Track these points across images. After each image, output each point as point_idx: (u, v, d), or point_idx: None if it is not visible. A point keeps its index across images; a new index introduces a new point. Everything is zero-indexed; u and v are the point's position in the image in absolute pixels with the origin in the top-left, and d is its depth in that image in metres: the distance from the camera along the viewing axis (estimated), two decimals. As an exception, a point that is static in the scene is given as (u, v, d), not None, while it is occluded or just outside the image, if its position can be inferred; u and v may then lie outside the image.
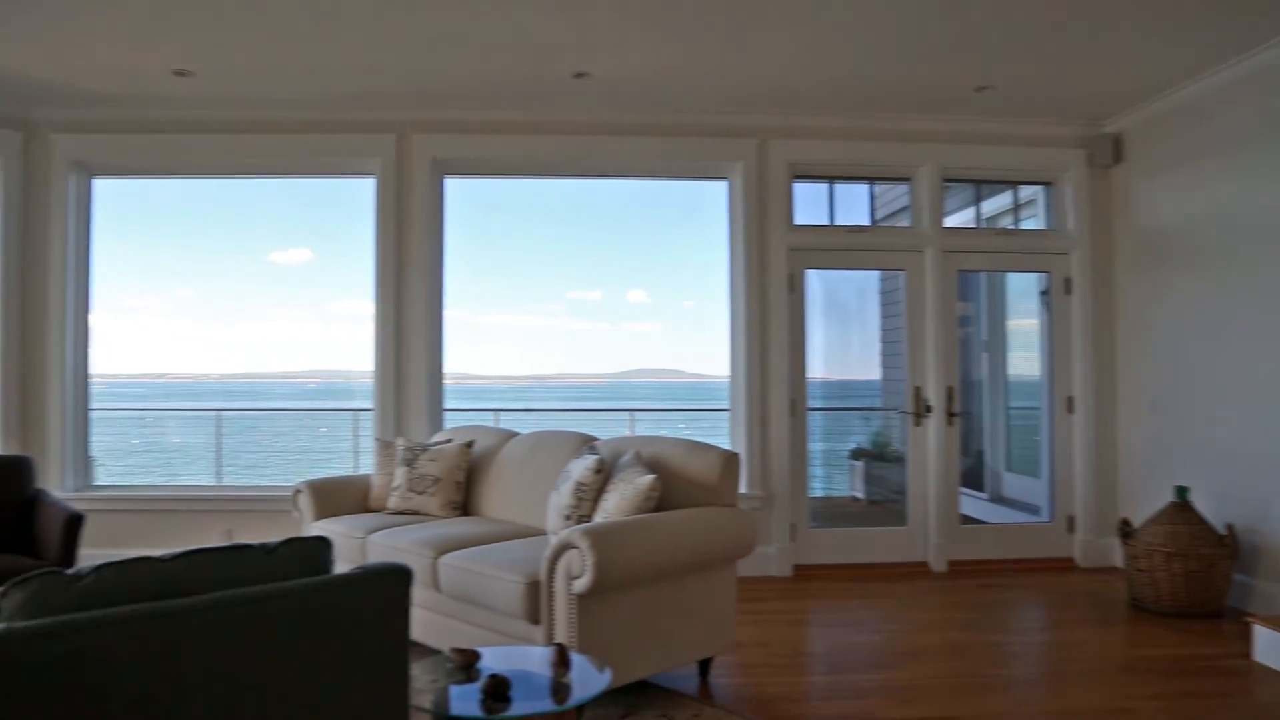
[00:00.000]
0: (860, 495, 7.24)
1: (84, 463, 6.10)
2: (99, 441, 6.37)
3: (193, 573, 1.86)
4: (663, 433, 4.91)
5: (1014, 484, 7.19)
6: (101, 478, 6.29)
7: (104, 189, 6.22)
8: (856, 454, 7.32)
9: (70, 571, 1.77)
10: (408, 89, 5.62)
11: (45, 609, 1.67)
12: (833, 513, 7.05)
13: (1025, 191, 6.78)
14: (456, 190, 6.26)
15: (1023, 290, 6.99)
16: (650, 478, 3.77)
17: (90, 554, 4.77)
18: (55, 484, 5.73)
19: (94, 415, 6.26)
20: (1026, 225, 6.85)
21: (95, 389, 6.28)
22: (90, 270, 6.11)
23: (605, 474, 3.93)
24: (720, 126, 6.08)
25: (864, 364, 6.97)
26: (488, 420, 7.97)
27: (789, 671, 4.19)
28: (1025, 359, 7.03)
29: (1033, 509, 6.69)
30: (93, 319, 6.17)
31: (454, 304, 6.27)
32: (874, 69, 5.26)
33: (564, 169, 6.32)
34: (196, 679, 1.82)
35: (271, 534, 5.60)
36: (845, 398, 7.30)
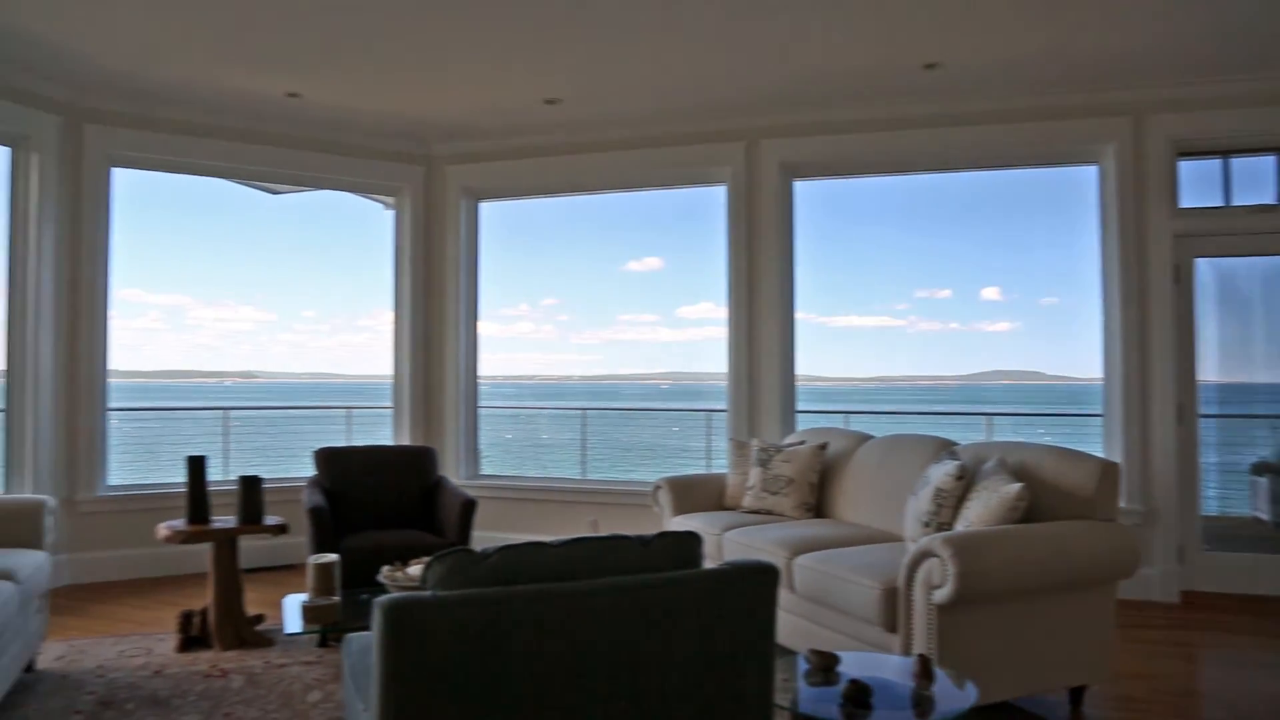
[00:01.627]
0: (1265, 516, 6.30)
1: (474, 454, 6.88)
2: (484, 436, 7.15)
3: (578, 558, 2.05)
4: (1020, 438, 4.60)
5: None
6: (486, 468, 7.06)
7: (489, 211, 6.98)
8: (1260, 468, 6.38)
9: (479, 550, 2.02)
10: (754, 95, 5.74)
11: (460, 581, 1.94)
12: (1229, 535, 6.19)
13: None
14: (804, 192, 6.29)
15: None
16: (1017, 486, 3.56)
17: (480, 535, 5.37)
18: (452, 472, 6.55)
19: (481, 413, 7.04)
20: None
21: (481, 389, 7.06)
22: (478, 283, 6.90)
23: (967, 481, 3.76)
24: (1085, 106, 5.59)
25: (1272, 364, 6.04)
26: (837, 422, 7.92)
27: (1178, 713, 3.73)
28: None
29: None
30: (480, 327, 6.95)
31: (802, 306, 6.31)
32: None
33: (912, 164, 6.14)
34: (577, 654, 2.01)
35: (631, 526, 5.98)
36: (1247, 403, 6.39)
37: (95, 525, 5.78)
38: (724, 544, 4.51)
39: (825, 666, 2.85)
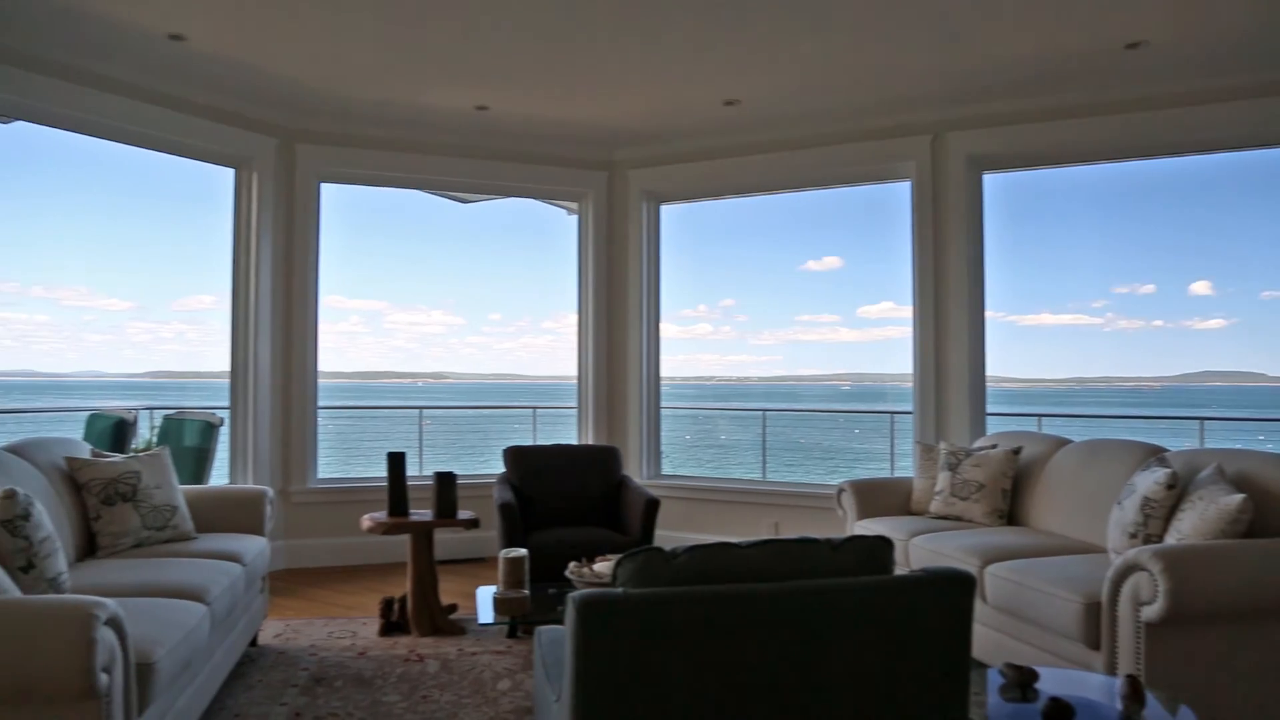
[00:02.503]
0: None
1: (656, 454, 6.97)
2: (664, 436, 7.22)
3: (766, 560, 2.03)
4: (1237, 445, 4.21)
5: None
6: (666, 468, 7.12)
7: (669, 214, 7.04)
8: None
9: (668, 549, 2.03)
10: (940, 86, 5.53)
11: (650, 579, 1.96)
12: None
13: None
14: (991, 185, 6.01)
15: None
16: (1238, 498, 3.26)
17: (661, 534, 5.44)
18: (635, 472, 6.65)
19: (662, 413, 7.12)
20: None
21: (661, 390, 7.13)
22: (660, 286, 6.97)
23: (1179, 490, 3.48)
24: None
25: None
26: (1030, 425, 7.53)
27: None
28: None
29: None
30: (661, 329, 7.02)
31: (991, 304, 6.02)
32: None
33: (1110, 151, 5.70)
34: (764, 657, 1.99)
35: (813, 529, 5.89)
36: None
37: (306, 514, 6.22)
38: (911, 550, 4.37)
39: (1022, 682, 2.70)
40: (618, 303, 6.95)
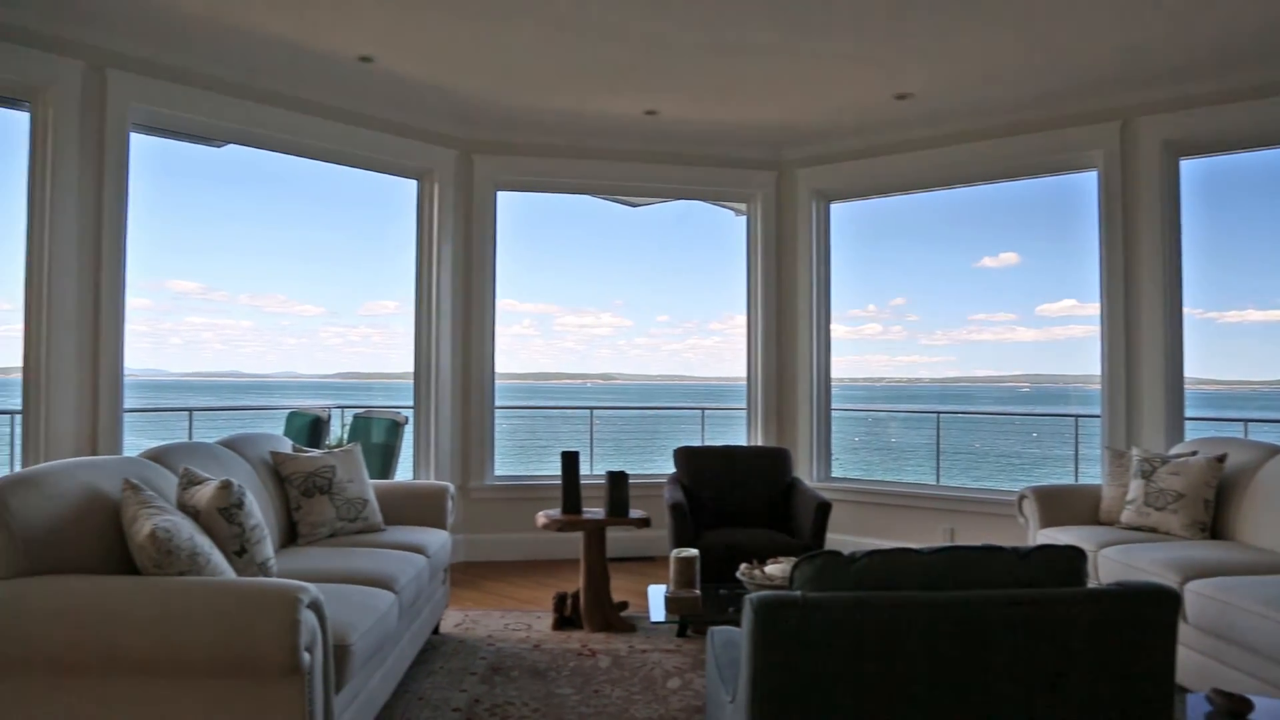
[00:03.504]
0: None
1: (826, 456, 6.85)
2: (834, 438, 7.08)
3: (948, 567, 1.96)
4: None
5: None
6: (835, 470, 6.99)
7: (838, 212, 6.91)
8: None
9: (847, 554, 1.99)
10: (1132, 69, 5.17)
11: (828, 583, 1.93)
12: None
13: None
14: (1187, 171, 5.57)
15: None
16: None
17: (832, 538, 5.34)
18: (804, 474, 6.56)
19: (832, 414, 6.99)
20: None
21: (837, 391, 7.00)
22: (830, 285, 6.86)
23: None
24: None
25: None
26: (1234, 431, 6.95)
27: None
28: None
29: None
30: (833, 329, 6.90)
31: (1189, 300, 5.59)
32: None
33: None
34: (943, 669, 1.92)
35: (990, 536, 5.64)
36: None
37: (483, 510, 6.47)
38: (1100, 562, 4.11)
39: (1234, 711, 2.49)
40: (787, 303, 6.88)
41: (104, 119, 4.81)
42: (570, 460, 4.81)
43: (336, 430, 6.68)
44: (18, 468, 4.74)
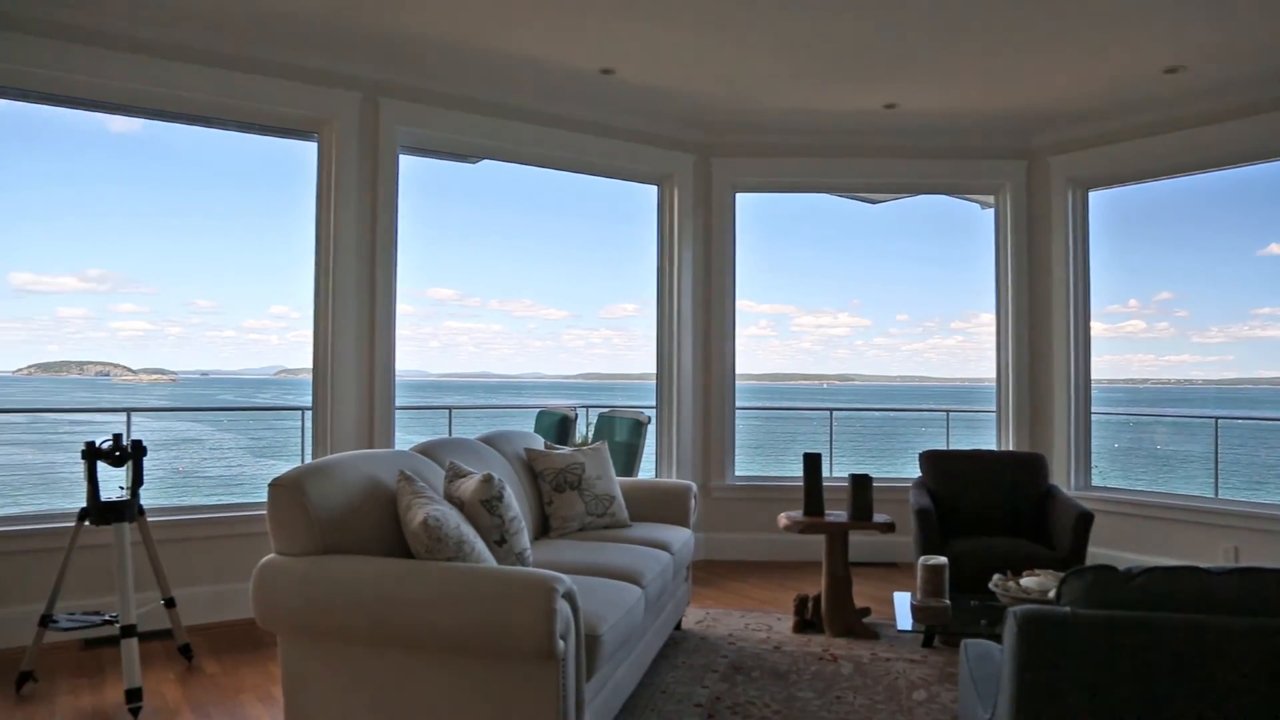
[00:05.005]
0: None
1: (1085, 463, 6.38)
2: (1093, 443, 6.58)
3: (1240, 591, 1.77)
4: None
5: None
6: (1094, 478, 6.48)
7: (1096, 200, 6.41)
8: None
9: (1122, 569, 1.85)
10: None
11: (1099, 600, 1.79)
12: None
13: None
14: None
15: None
16: None
17: (1093, 551, 4.96)
18: (1061, 481, 6.14)
19: (1093, 418, 6.49)
20: None
21: (1095, 394, 6.50)
22: (1089, 280, 6.37)
23: None
24: None
25: None
26: None
27: None
28: None
29: None
30: (1094, 326, 6.41)
31: None
32: None
33: None
34: (1226, 700, 1.73)
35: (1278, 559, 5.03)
36: None
37: (723, 509, 6.52)
38: None
39: None
40: (1040, 299, 6.46)
41: (377, 144, 5.29)
42: (812, 462, 4.76)
43: (582, 429, 6.96)
44: (308, 457, 5.30)
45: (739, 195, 6.68)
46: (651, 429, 6.43)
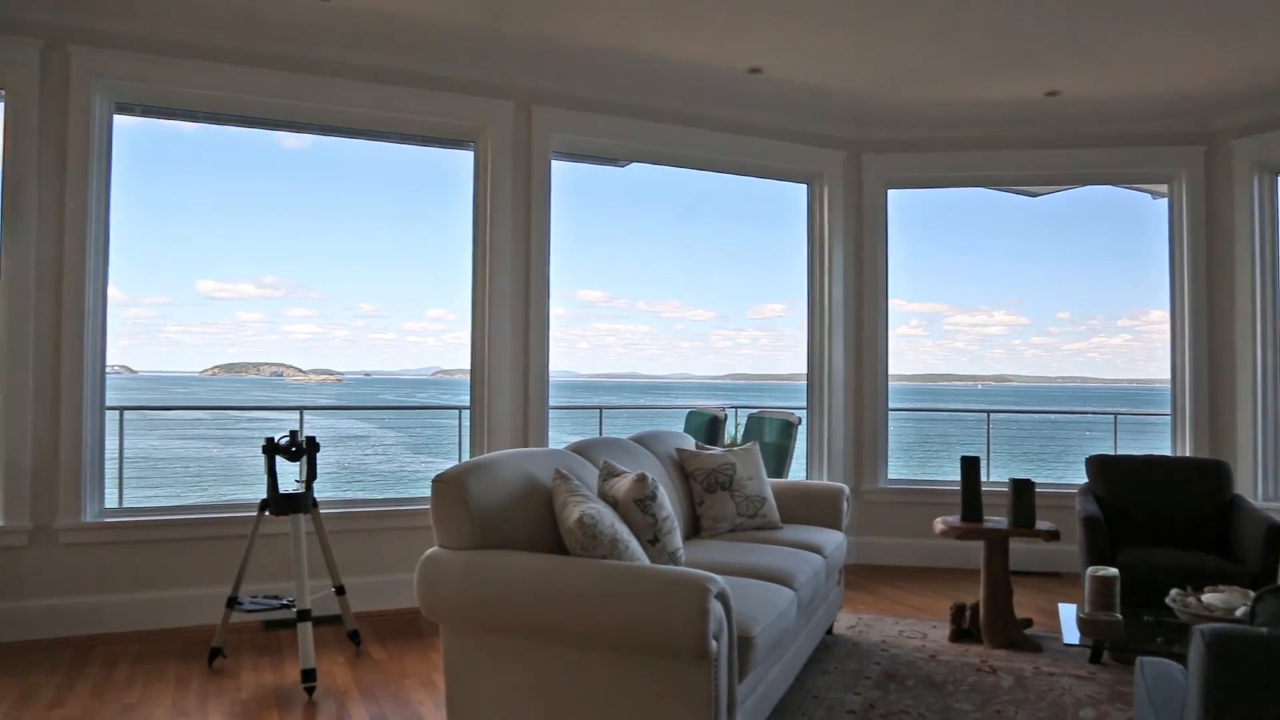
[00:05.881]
0: None
1: (1276, 472, 5.90)
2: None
3: None
4: None
5: None
6: None
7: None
8: None
9: (1322, 587, 1.71)
10: None
11: (1298, 621, 1.66)
12: None
13: None
14: None
15: None
16: None
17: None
18: (1248, 490, 5.69)
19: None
20: None
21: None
22: (1278, 271, 5.89)
23: None
24: None
25: None
26: None
27: None
28: None
29: None
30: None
31: None
32: None
33: None
34: None
35: None
36: None
37: (876, 513, 6.38)
38: None
39: None
40: (1222, 295, 6.02)
41: (530, 150, 5.44)
42: (970, 465, 4.59)
43: (731, 429, 6.95)
44: (465, 455, 5.51)
45: (890, 191, 6.52)
46: (802, 430, 6.36)
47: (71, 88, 4.52)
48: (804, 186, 6.49)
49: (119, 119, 4.78)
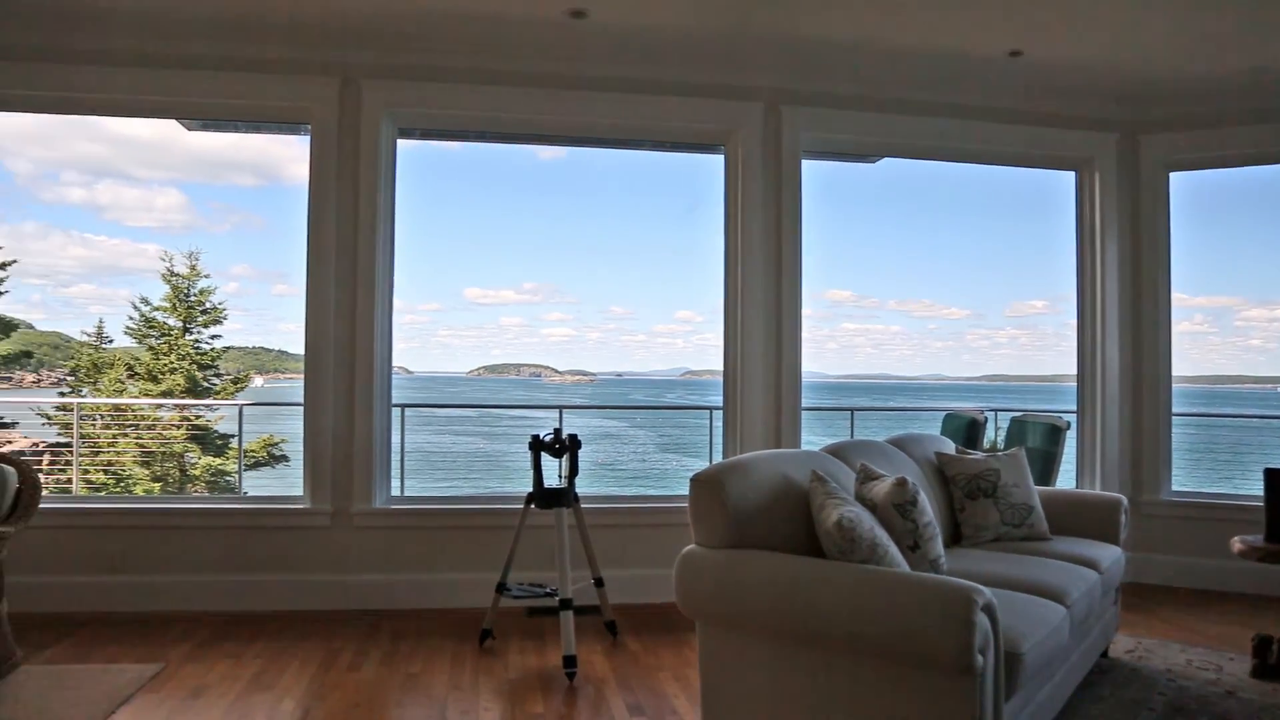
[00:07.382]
0: None
1: None
2: None
3: None
4: None
5: None
6: None
7: None
8: None
9: None
10: None
11: None
12: None
13: None
14: None
15: None
16: None
17: None
18: None
19: None
20: None
21: None
22: None
23: None
24: None
25: None
26: None
27: None
28: None
29: None
30: None
31: None
32: None
33: None
34: None
35: None
36: None
37: (1158, 527, 5.83)
38: None
39: None
40: None
41: (780, 150, 5.43)
42: (1276, 479, 4.10)
43: (991, 433, 6.60)
44: (718, 455, 5.58)
45: (1174, 174, 5.94)
46: (1071, 435, 5.92)
47: (363, 118, 5.04)
48: (1071, 174, 6.05)
49: (401, 143, 5.25)
